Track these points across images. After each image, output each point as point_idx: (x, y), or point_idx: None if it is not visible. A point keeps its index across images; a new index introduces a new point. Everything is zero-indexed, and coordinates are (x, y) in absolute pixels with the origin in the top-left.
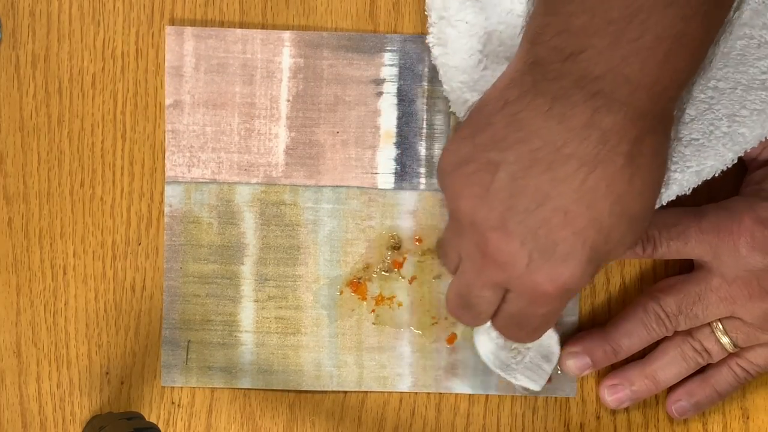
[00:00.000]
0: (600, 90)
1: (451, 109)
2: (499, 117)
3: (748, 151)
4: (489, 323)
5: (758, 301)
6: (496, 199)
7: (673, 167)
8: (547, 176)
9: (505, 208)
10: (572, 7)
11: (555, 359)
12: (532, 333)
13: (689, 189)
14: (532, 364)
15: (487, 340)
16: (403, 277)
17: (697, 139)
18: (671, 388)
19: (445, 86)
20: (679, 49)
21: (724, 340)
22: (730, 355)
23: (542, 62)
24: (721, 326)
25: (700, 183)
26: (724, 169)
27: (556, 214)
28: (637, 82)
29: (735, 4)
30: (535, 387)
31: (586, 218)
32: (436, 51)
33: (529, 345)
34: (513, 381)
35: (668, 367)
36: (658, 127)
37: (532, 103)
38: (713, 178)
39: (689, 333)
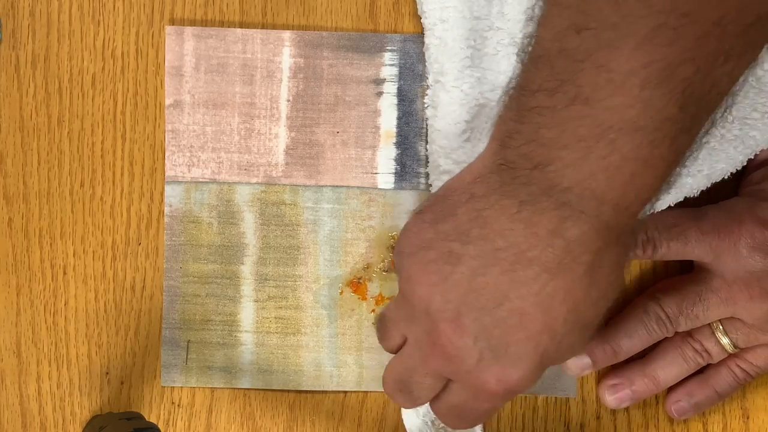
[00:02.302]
0: (568, 201)
1: (426, 170)
2: (464, 210)
3: (758, 153)
4: (418, 411)
5: (759, 302)
6: (454, 292)
7: (684, 171)
8: (508, 277)
9: (462, 303)
10: (542, 119)
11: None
12: (472, 423)
13: (698, 191)
14: None
15: (413, 416)
16: None
17: (709, 143)
18: (671, 389)
19: (428, 146)
20: (646, 170)
21: (725, 340)
22: (730, 355)
23: (511, 166)
24: (721, 327)
25: (709, 186)
26: (734, 171)
27: (512, 316)
28: (604, 197)
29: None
30: None
31: (541, 323)
32: (428, 112)
33: None
34: None
35: (668, 367)
36: (620, 239)
37: (499, 203)
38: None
39: (689, 333)
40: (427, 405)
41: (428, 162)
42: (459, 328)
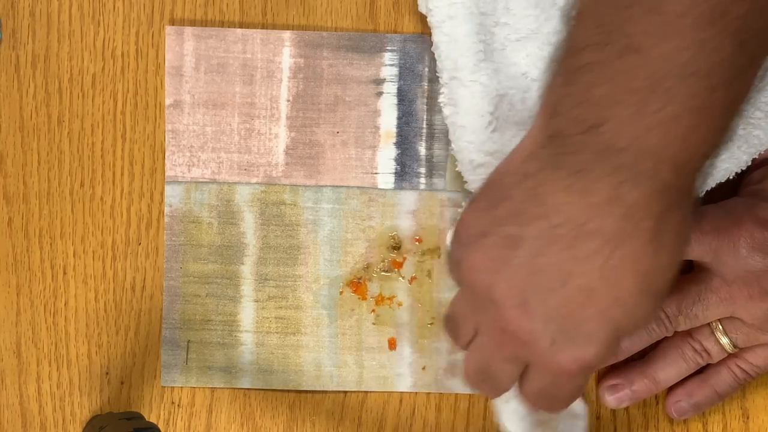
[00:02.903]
0: (623, 163)
1: (457, 168)
2: (518, 191)
3: (762, 153)
4: (513, 409)
5: (758, 301)
6: (516, 277)
7: None
8: (570, 254)
9: (526, 286)
10: (592, 76)
11: (584, 411)
12: (562, 403)
13: (703, 191)
14: (566, 427)
15: (517, 423)
16: (403, 278)
17: None
18: (671, 389)
19: (453, 145)
20: (703, 120)
21: (724, 340)
22: (730, 355)
23: (562, 134)
24: (720, 327)
25: (713, 186)
26: (738, 171)
27: (579, 294)
28: (662, 154)
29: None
30: None
31: (610, 297)
32: (446, 111)
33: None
34: None
35: (668, 367)
36: (682, 200)
37: (552, 177)
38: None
39: (689, 333)
40: (521, 405)
41: (457, 161)
42: (526, 312)
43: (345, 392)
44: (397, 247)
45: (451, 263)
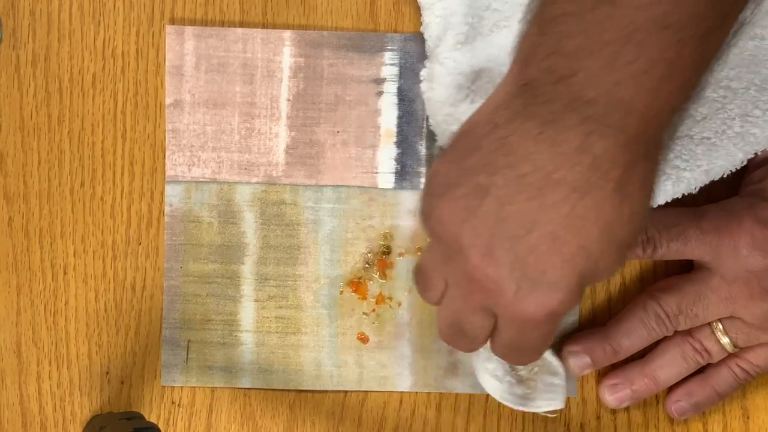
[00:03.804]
0: (592, 114)
1: (438, 143)
2: (488, 141)
3: (759, 153)
4: (493, 369)
5: (759, 301)
6: (483, 225)
7: (683, 165)
8: (536, 202)
9: (493, 234)
10: (566, 27)
11: (561, 370)
12: (533, 354)
13: (696, 188)
14: (545, 386)
15: (496, 384)
16: (385, 280)
17: (709, 138)
18: (671, 388)
19: (430, 120)
20: (673, 74)
21: (724, 340)
22: (730, 355)
23: (533, 84)
24: (721, 326)
25: (707, 182)
26: (733, 170)
27: (544, 241)
28: (631, 106)
29: (743, 15)
30: (558, 405)
31: (575, 245)
32: (423, 86)
33: (536, 370)
34: (538, 411)
35: (668, 366)
36: (649, 153)
37: (522, 127)
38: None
39: (689, 333)
40: (500, 365)
41: (436, 135)
42: (492, 260)
43: (345, 392)
44: (387, 252)
45: (421, 215)
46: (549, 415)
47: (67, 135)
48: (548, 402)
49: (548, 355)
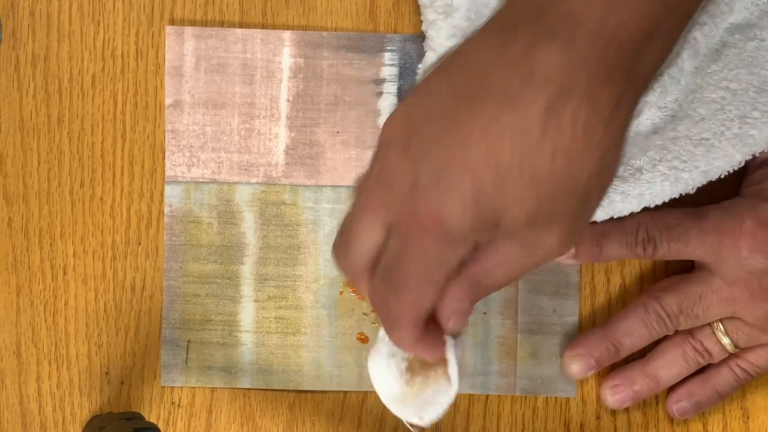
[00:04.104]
0: (543, 24)
1: None
2: (451, 55)
3: (757, 154)
4: (387, 365)
5: (760, 302)
6: (410, 122)
7: (681, 166)
8: (464, 106)
9: (415, 131)
10: None
11: (453, 391)
12: (402, 289)
13: (693, 188)
14: (427, 399)
15: (384, 371)
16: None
17: (708, 139)
18: (671, 389)
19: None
20: None
21: (725, 340)
22: (731, 355)
23: (506, 5)
24: (722, 327)
25: (705, 183)
26: (731, 170)
27: (457, 145)
28: (581, 18)
29: None
30: (422, 423)
31: (483, 156)
32: (419, 77)
33: (430, 375)
34: (401, 416)
35: (669, 366)
36: (595, 92)
37: (478, 35)
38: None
39: (690, 333)
40: (396, 364)
41: None
42: (404, 152)
43: (345, 392)
44: None
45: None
46: (412, 428)
47: (67, 135)
48: (417, 416)
49: (452, 367)
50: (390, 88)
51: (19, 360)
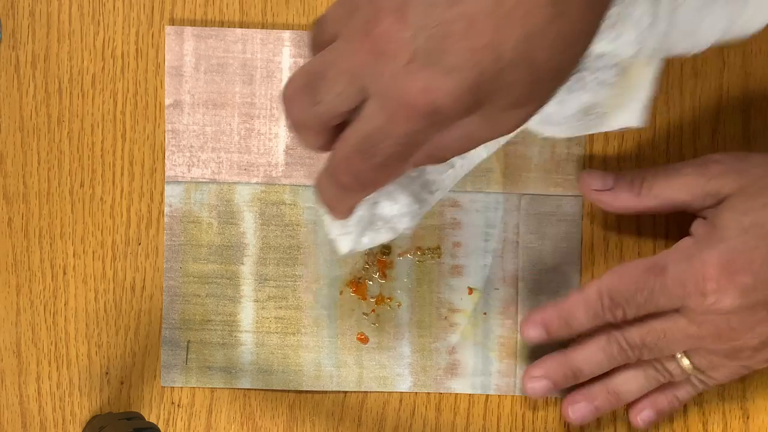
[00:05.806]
0: None
1: None
2: None
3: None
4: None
5: (727, 340)
6: None
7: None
8: None
9: None
10: None
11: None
12: (378, 164)
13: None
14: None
15: (346, 233)
16: (384, 280)
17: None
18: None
19: None
20: None
21: (685, 363)
22: None
23: None
24: (685, 359)
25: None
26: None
27: (461, 21)
28: None
29: None
30: (344, 250)
31: (488, 37)
32: None
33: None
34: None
35: (630, 382)
36: None
37: None
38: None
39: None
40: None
41: None
42: (401, 18)
43: (345, 392)
44: (386, 252)
45: None
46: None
47: (67, 135)
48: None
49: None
50: None
51: (19, 360)
